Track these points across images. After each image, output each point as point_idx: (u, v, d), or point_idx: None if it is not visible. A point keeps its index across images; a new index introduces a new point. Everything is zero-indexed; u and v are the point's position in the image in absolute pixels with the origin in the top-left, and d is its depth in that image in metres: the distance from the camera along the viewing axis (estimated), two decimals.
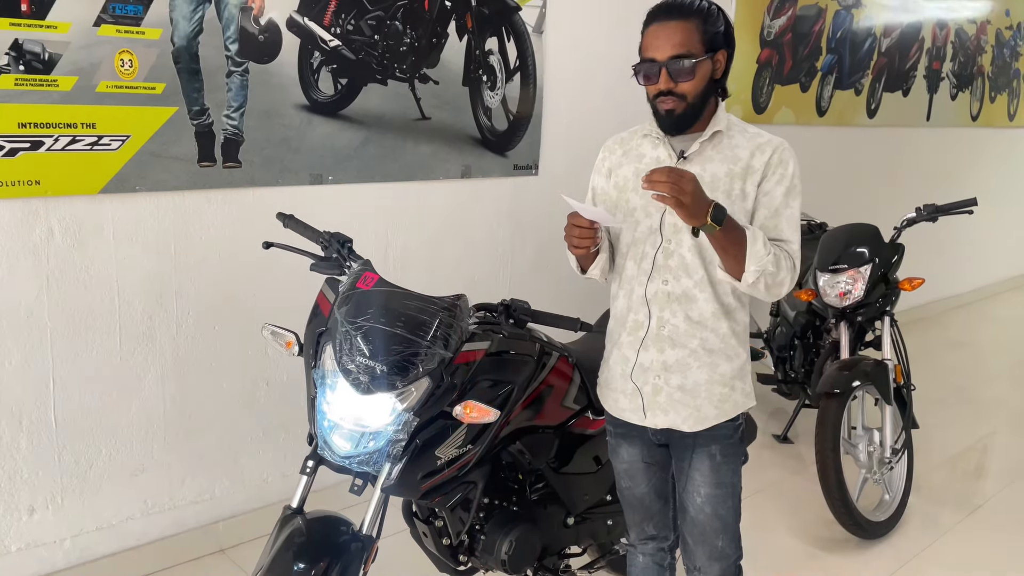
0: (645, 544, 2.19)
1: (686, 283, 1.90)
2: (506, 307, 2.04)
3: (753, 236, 1.78)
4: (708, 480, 1.98)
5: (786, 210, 1.88)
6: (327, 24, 2.97)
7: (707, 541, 2.02)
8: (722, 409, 1.97)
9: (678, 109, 1.85)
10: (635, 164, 1.97)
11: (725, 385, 1.96)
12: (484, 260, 3.69)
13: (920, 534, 3.41)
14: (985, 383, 5.43)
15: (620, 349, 2.01)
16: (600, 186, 2.06)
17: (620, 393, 2.02)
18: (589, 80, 3.88)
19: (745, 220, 1.87)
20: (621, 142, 2.05)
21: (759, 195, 1.88)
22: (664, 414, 1.96)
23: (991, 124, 7.39)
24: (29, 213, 2.46)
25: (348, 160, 3.11)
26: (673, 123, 1.87)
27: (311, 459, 1.91)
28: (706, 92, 1.86)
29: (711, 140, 1.90)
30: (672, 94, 1.83)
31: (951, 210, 3.61)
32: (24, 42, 2.35)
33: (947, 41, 6.49)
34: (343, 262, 2.07)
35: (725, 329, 1.93)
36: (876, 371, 3.28)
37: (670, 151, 1.92)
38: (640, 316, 1.95)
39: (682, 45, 1.80)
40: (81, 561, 2.74)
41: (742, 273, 1.79)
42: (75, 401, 2.65)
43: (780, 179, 1.87)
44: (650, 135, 1.96)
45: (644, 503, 2.12)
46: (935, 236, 5.76)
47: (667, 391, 1.95)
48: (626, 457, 2.09)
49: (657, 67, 1.82)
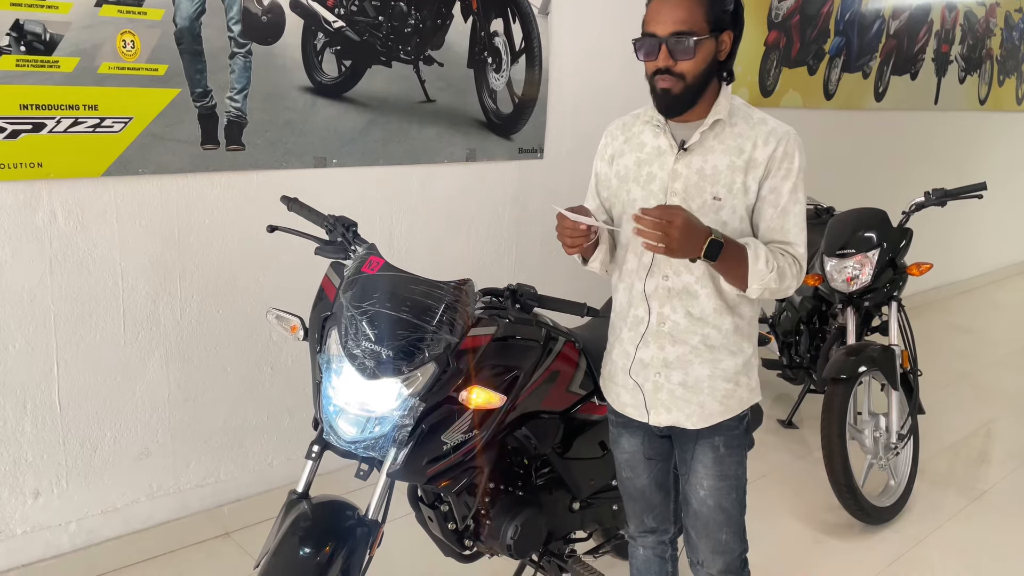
0: (645, 537, 2.16)
1: (687, 278, 1.86)
2: (512, 292, 2.02)
3: (755, 255, 1.74)
4: (711, 472, 1.95)
5: (793, 208, 1.82)
6: (331, 5, 2.94)
7: (710, 534, 1.98)
8: (727, 405, 1.93)
9: (675, 89, 1.77)
10: (636, 153, 1.92)
11: (729, 381, 1.91)
12: (489, 244, 3.67)
13: (925, 519, 3.41)
14: (991, 369, 5.41)
15: (621, 344, 1.98)
16: (603, 172, 2.01)
17: (622, 388, 2.00)
18: (595, 62, 3.84)
19: (745, 214, 1.82)
20: (623, 127, 1.99)
21: (765, 191, 1.81)
22: (667, 412, 1.93)
23: (999, 108, 7.33)
24: (32, 196, 2.45)
25: (352, 143, 3.08)
26: (669, 103, 1.79)
27: (316, 444, 1.90)
28: (707, 74, 1.78)
29: (712, 129, 1.83)
30: (670, 73, 1.75)
31: (960, 194, 3.58)
32: (25, 23, 2.32)
33: (956, 24, 6.43)
34: (348, 246, 2.05)
35: (728, 325, 1.88)
36: (883, 356, 3.26)
37: (671, 140, 1.86)
38: (640, 311, 1.92)
39: (684, 22, 1.72)
40: (86, 544, 2.75)
41: (745, 287, 1.77)
42: (79, 385, 2.64)
43: (786, 174, 1.81)
44: (651, 122, 1.90)
45: (645, 495, 2.10)
46: (943, 221, 5.74)
47: (668, 388, 1.91)
48: (627, 448, 2.07)
49: (657, 43, 1.74)
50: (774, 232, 1.82)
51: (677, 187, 1.84)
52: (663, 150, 1.87)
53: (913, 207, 3.65)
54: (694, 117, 1.84)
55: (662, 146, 1.87)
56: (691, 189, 1.83)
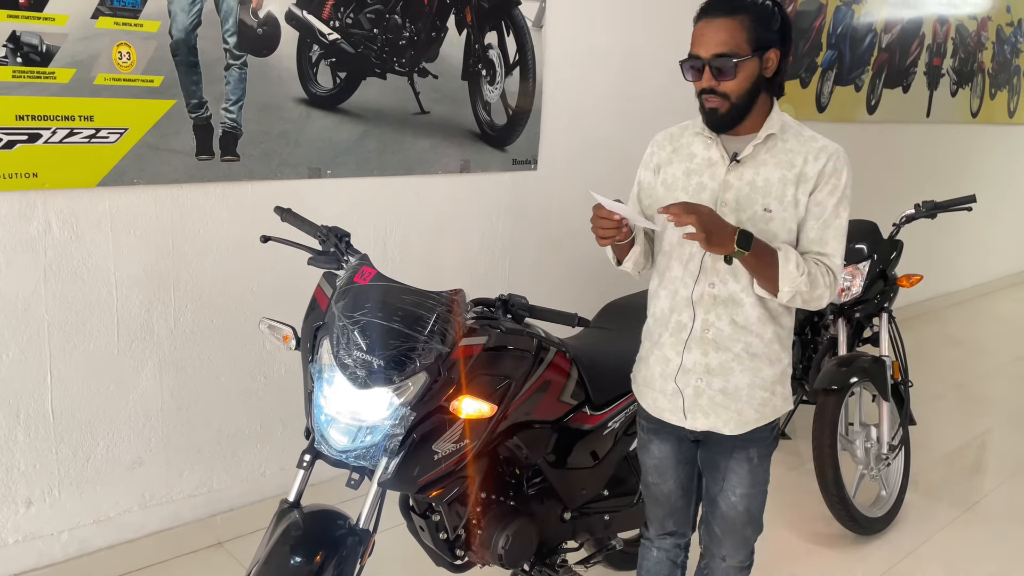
0: (663, 540, 2.20)
1: (733, 287, 1.89)
2: (504, 302, 2.04)
3: (785, 257, 1.79)
4: (744, 481, 2.01)
5: (835, 221, 1.87)
6: (326, 17, 2.96)
7: (736, 533, 2.07)
8: (762, 413, 1.98)
9: (721, 108, 1.82)
10: (686, 163, 1.95)
11: (766, 389, 1.96)
12: (482, 255, 3.69)
13: (917, 530, 3.41)
14: (983, 379, 5.43)
15: (661, 349, 2.00)
16: (647, 181, 2.04)
17: (660, 393, 2.02)
18: (589, 75, 3.87)
19: (793, 227, 1.87)
20: (671, 138, 2.02)
21: (811, 204, 1.86)
22: (705, 416, 1.96)
23: (991, 121, 7.38)
24: (27, 206, 2.46)
25: (347, 154, 3.10)
26: (716, 121, 1.85)
27: (308, 453, 1.91)
28: (752, 91, 1.82)
29: (764, 143, 1.87)
30: (715, 93, 1.81)
31: (950, 207, 3.61)
32: (22, 34, 2.34)
33: (948, 37, 6.48)
34: (341, 256, 2.07)
35: (770, 334, 1.94)
36: (874, 367, 3.28)
37: (722, 152, 1.89)
38: (684, 318, 1.95)
39: (725, 44, 1.77)
40: (79, 554, 2.75)
41: (777, 290, 1.82)
42: (73, 394, 2.65)
43: (833, 189, 1.85)
44: (701, 133, 1.94)
45: (670, 500, 2.13)
46: (934, 233, 5.77)
47: (709, 394, 1.95)
48: (657, 453, 2.10)
49: (701, 64, 1.80)
50: (813, 243, 1.87)
51: (728, 198, 1.88)
52: (714, 161, 1.91)
53: (903, 219, 3.68)
54: (744, 131, 1.88)
55: (713, 157, 1.91)
56: (743, 200, 1.87)
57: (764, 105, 1.87)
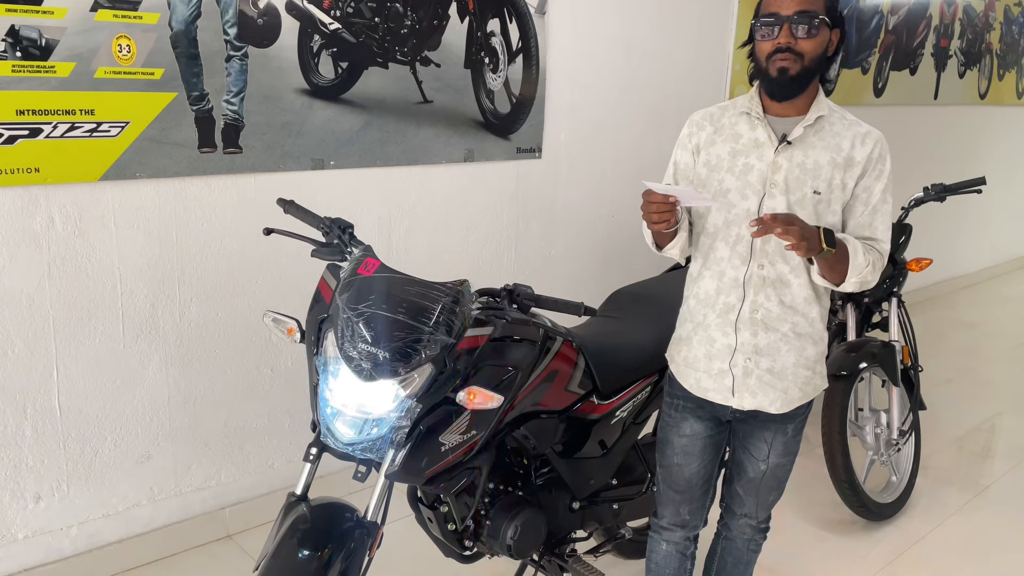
0: (673, 531, 2.20)
1: (782, 268, 1.91)
2: (509, 292, 2.02)
3: (854, 249, 1.82)
4: (778, 452, 2.08)
5: (883, 206, 1.91)
6: (327, 7, 2.94)
7: (762, 496, 2.14)
8: (805, 391, 2.02)
9: (792, 69, 1.81)
10: (731, 144, 1.94)
11: (809, 368, 2.00)
12: (487, 245, 3.67)
13: (927, 515, 3.40)
14: (993, 363, 5.40)
15: (706, 330, 2.01)
16: (684, 162, 2.03)
17: (704, 373, 2.03)
18: (592, 61, 3.84)
19: (839, 209, 1.89)
20: (711, 118, 2.00)
21: (858, 190, 1.89)
22: (752, 396, 1.99)
23: (999, 102, 7.31)
24: (29, 201, 2.45)
25: (349, 145, 3.08)
26: (784, 84, 1.83)
27: (314, 446, 1.90)
28: (819, 62, 1.83)
29: (813, 126, 1.88)
30: (791, 51, 1.80)
31: (960, 189, 3.58)
32: (21, 28, 2.32)
33: (955, 18, 6.41)
34: (344, 248, 2.05)
35: (815, 314, 1.96)
36: (883, 353, 3.26)
37: (770, 133, 1.89)
38: (732, 299, 1.96)
39: (810, 3, 1.79)
40: (88, 548, 2.75)
41: (841, 282, 1.85)
42: (79, 389, 2.65)
43: (879, 175, 1.89)
44: (749, 113, 1.92)
45: (691, 484, 2.13)
46: (943, 216, 5.73)
47: (757, 373, 1.97)
48: (688, 432, 2.10)
49: (780, 20, 1.79)
50: (862, 228, 1.90)
51: (778, 179, 1.88)
52: (761, 142, 1.90)
53: (912, 203, 3.65)
54: (792, 112, 1.89)
55: (760, 138, 1.91)
56: (792, 182, 1.88)
57: (814, 87, 1.89)
